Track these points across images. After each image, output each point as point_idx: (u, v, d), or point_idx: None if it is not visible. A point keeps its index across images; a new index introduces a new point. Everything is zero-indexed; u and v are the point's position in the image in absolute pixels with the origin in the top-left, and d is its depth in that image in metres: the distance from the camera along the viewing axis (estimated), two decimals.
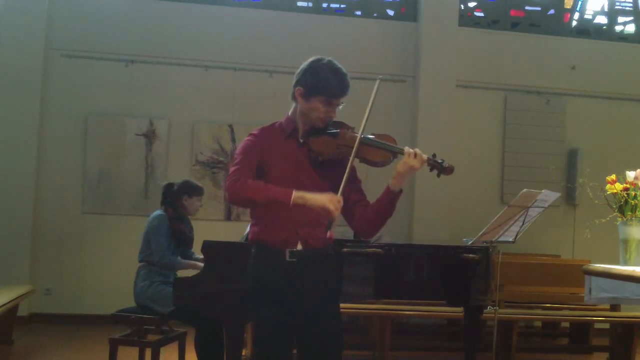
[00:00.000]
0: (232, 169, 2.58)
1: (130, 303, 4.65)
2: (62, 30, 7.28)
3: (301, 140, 2.65)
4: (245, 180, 2.52)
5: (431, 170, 2.64)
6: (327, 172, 2.62)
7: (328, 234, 2.54)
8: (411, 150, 2.54)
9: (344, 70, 2.64)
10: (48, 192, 7.18)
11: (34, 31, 7.10)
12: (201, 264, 4.30)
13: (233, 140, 7.47)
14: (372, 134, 2.63)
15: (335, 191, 2.52)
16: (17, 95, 7.03)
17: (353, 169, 2.65)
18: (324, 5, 7.98)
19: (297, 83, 2.64)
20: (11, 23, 7.06)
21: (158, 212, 4.73)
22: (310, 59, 2.66)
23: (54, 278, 7.13)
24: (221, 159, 7.46)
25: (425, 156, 2.56)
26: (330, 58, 2.66)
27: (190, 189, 4.79)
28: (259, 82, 7.49)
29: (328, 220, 2.47)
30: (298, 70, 2.67)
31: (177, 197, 4.74)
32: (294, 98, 2.67)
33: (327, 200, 2.43)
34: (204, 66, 7.44)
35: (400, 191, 2.59)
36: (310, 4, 7.95)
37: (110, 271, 6.93)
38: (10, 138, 7.00)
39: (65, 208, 7.19)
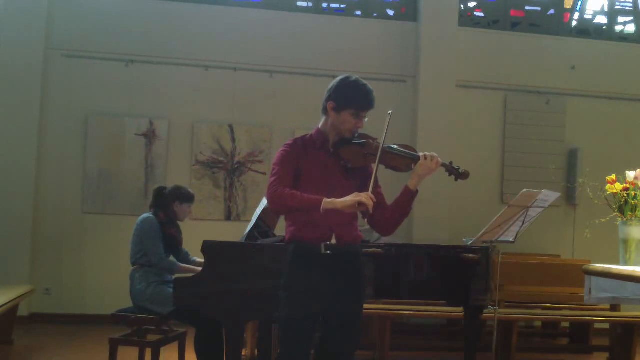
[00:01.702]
0: (271, 179, 2.87)
1: (131, 303, 4.65)
2: (62, 30, 7.28)
3: (331, 150, 2.95)
4: (284, 190, 2.80)
5: (449, 175, 3.04)
6: (355, 178, 2.94)
7: (355, 230, 2.94)
8: (427, 154, 2.90)
9: (370, 87, 2.95)
10: (48, 192, 7.18)
11: (34, 31, 7.10)
12: (198, 269, 4.31)
13: (233, 140, 7.47)
14: (394, 144, 2.98)
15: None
16: (17, 95, 7.03)
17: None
18: (324, 5, 7.98)
19: (329, 98, 2.94)
20: (11, 23, 7.06)
21: (147, 214, 4.71)
22: (340, 78, 2.97)
23: (54, 278, 7.13)
24: (221, 159, 7.46)
25: (440, 159, 2.92)
26: (357, 76, 2.99)
27: (183, 196, 4.79)
28: (259, 82, 7.49)
29: (364, 212, 2.80)
30: (329, 87, 2.96)
31: (168, 202, 4.74)
32: (326, 112, 2.97)
33: (355, 195, 2.71)
34: (204, 66, 7.44)
35: (417, 191, 2.94)
36: (310, 4, 7.95)
37: (110, 271, 6.93)
38: (10, 138, 7.00)
39: (65, 208, 7.19)
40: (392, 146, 2.96)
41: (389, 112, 2.92)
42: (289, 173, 2.87)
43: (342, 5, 8.02)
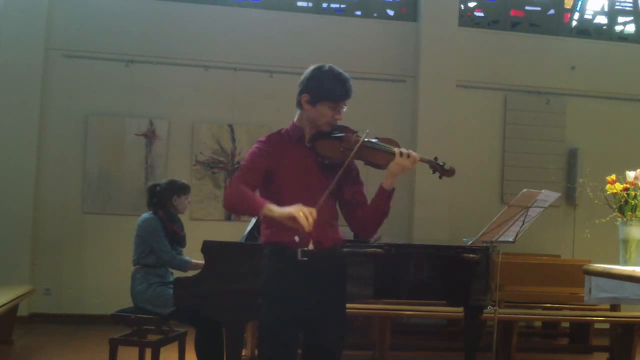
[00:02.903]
0: (234, 175, 2.75)
1: (131, 303, 4.65)
2: (62, 30, 7.28)
3: (308, 145, 2.75)
4: (238, 186, 2.63)
5: (433, 172, 2.78)
6: (334, 175, 2.67)
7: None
8: (403, 151, 2.67)
9: (346, 74, 2.75)
10: (48, 192, 7.18)
11: (34, 31, 7.10)
12: None
13: (233, 140, 7.47)
14: (375, 138, 2.75)
15: (338, 197, 2.75)
16: (17, 95, 7.03)
17: (357, 171, 2.82)
18: (324, 5, 7.98)
19: (303, 91, 2.74)
20: (11, 23, 7.06)
21: (147, 214, 4.69)
22: (312, 67, 2.76)
23: (54, 278, 7.13)
24: (221, 159, 7.46)
25: (417, 157, 2.69)
26: (330, 64, 2.77)
27: (179, 189, 4.74)
28: (259, 82, 7.49)
29: (298, 230, 2.50)
30: (301, 79, 2.76)
31: (166, 198, 4.71)
32: (300, 105, 2.77)
33: (294, 210, 2.47)
34: (204, 66, 7.44)
35: (393, 190, 2.71)
36: (310, 4, 7.95)
37: (110, 271, 6.93)
38: (10, 138, 7.00)
39: (65, 208, 7.19)
40: (372, 140, 2.73)
41: (367, 130, 2.73)
42: (257, 171, 2.68)
43: (342, 5, 8.02)
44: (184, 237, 4.78)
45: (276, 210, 2.53)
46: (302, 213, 2.45)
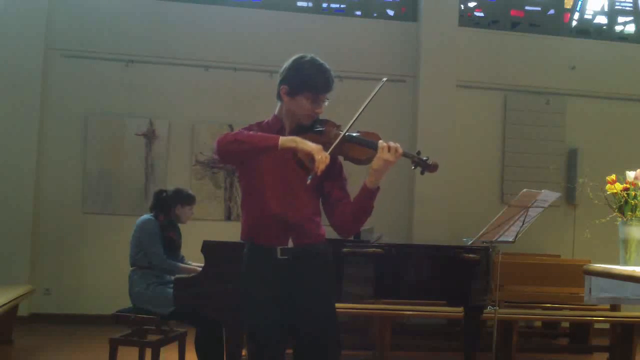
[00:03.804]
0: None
1: (130, 303, 4.65)
2: (62, 30, 7.28)
3: None
4: (233, 132, 2.52)
5: (414, 167, 2.55)
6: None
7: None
8: (384, 144, 2.45)
9: (327, 65, 2.62)
10: (48, 192, 7.18)
11: (34, 31, 7.10)
12: (198, 269, 4.31)
13: None
14: (357, 132, 2.58)
15: (320, 191, 2.63)
16: (17, 95, 7.03)
17: (340, 165, 2.66)
18: (324, 5, 7.98)
19: (282, 82, 2.62)
20: (11, 23, 7.06)
21: (147, 216, 4.72)
22: (293, 57, 2.65)
23: (54, 278, 7.13)
24: None
25: (401, 149, 2.46)
26: (312, 55, 2.65)
27: (184, 199, 4.80)
28: (259, 82, 7.47)
29: (310, 173, 2.41)
30: (281, 69, 2.65)
31: (170, 205, 4.74)
32: (279, 97, 2.65)
33: (316, 150, 2.39)
34: (204, 66, 7.44)
35: (378, 188, 2.53)
36: (310, 4, 7.95)
37: (110, 271, 6.92)
38: (10, 138, 7.00)
39: (65, 208, 7.19)
40: (353, 134, 2.54)
41: (384, 78, 2.60)
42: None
43: (342, 5, 8.02)
44: (180, 246, 4.81)
45: (300, 141, 2.41)
46: (321, 155, 2.36)
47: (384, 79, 2.59)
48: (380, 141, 2.48)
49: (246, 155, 2.53)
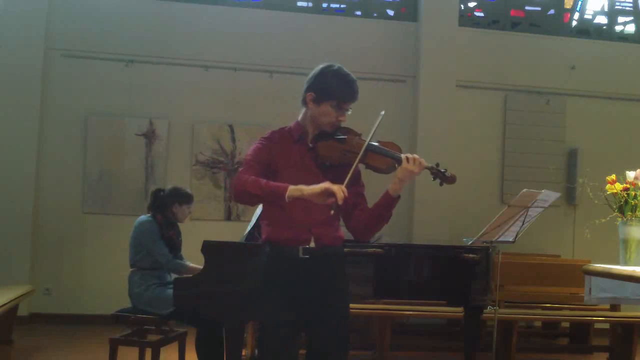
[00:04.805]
0: (239, 170, 2.68)
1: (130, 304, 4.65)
2: (62, 30, 7.28)
3: (310, 145, 2.72)
4: (248, 176, 2.58)
5: (434, 179, 2.71)
6: (333, 177, 2.62)
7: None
8: (409, 156, 2.62)
9: (353, 76, 2.72)
10: (48, 192, 7.18)
11: (34, 31, 7.10)
12: None
13: (233, 140, 7.47)
14: (377, 141, 2.70)
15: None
16: (17, 95, 7.03)
17: (358, 173, 2.77)
18: (324, 5, 7.98)
19: (308, 89, 2.71)
20: (11, 23, 7.06)
21: (145, 217, 4.70)
22: (321, 66, 2.74)
23: (54, 278, 7.13)
24: (221, 159, 7.46)
25: (423, 161, 2.63)
26: (339, 65, 2.74)
27: (181, 198, 4.77)
28: (259, 82, 7.49)
29: (331, 204, 2.48)
30: (309, 77, 2.73)
31: (167, 205, 4.73)
32: (305, 103, 2.73)
33: (327, 184, 2.47)
34: (204, 66, 7.44)
35: (399, 197, 2.68)
36: (310, 4, 7.95)
37: (110, 271, 6.92)
38: (10, 138, 7.00)
39: (65, 208, 7.19)
40: (375, 144, 2.68)
41: (381, 112, 2.68)
42: (261, 164, 2.65)
43: (342, 5, 8.02)
44: (180, 244, 4.80)
45: (306, 189, 2.49)
46: (337, 188, 2.44)
47: (382, 113, 2.69)
48: (402, 154, 2.65)
49: (259, 203, 2.78)
